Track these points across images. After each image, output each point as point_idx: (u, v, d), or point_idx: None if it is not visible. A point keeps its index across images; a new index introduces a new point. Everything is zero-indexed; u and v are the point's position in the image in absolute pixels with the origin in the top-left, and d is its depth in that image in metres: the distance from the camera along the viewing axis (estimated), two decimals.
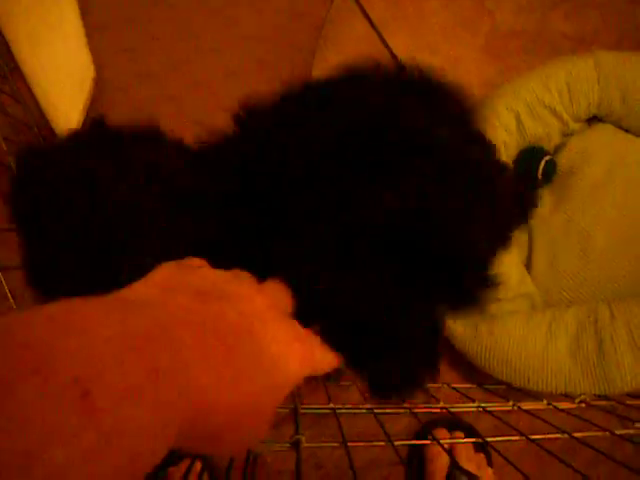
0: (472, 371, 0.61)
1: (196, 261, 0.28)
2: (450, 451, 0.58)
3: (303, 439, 0.39)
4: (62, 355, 0.14)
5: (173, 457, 0.57)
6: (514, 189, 0.46)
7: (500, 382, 0.59)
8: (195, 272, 0.25)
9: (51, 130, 0.58)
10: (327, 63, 0.56)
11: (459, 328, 0.58)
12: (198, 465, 0.55)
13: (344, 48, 0.59)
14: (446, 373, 0.63)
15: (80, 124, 0.56)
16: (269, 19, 0.58)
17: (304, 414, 0.50)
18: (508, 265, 0.59)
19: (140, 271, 0.23)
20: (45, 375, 0.13)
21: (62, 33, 0.55)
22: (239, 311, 0.23)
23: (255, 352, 0.22)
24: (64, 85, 0.56)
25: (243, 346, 0.21)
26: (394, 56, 0.61)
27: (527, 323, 0.57)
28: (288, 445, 0.39)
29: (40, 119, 0.57)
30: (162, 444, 0.16)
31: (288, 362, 0.24)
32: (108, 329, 0.16)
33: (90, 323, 0.16)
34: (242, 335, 0.22)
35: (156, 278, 0.24)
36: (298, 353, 0.25)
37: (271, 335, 0.23)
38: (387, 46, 0.61)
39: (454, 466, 0.56)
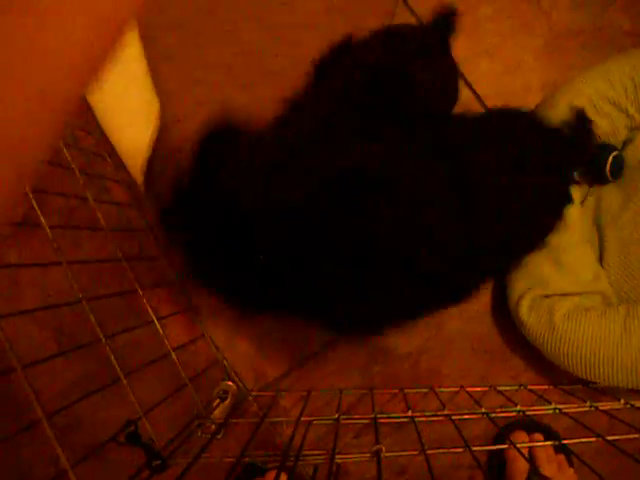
0: (548, 371, 0.61)
1: None
2: (529, 454, 0.58)
3: (383, 448, 0.39)
4: None
5: (259, 469, 0.59)
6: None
7: (577, 382, 0.59)
8: None
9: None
10: None
11: (533, 322, 0.58)
12: (284, 477, 0.56)
13: None
14: (522, 374, 0.63)
15: (149, 152, 0.57)
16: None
17: (383, 423, 0.51)
18: (583, 262, 0.59)
19: None
20: None
21: (128, 72, 0.56)
22: None
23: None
24: (130, 120, 0.57)
25: None
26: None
27: (601, 319, 0.56)
28: (369, 455, 0.39)
29: (112, 150, 0.58)
30: None
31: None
32: None
33: None
34: None
35: None
36: None
37: None
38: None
39: (533, 472, 0.56)
